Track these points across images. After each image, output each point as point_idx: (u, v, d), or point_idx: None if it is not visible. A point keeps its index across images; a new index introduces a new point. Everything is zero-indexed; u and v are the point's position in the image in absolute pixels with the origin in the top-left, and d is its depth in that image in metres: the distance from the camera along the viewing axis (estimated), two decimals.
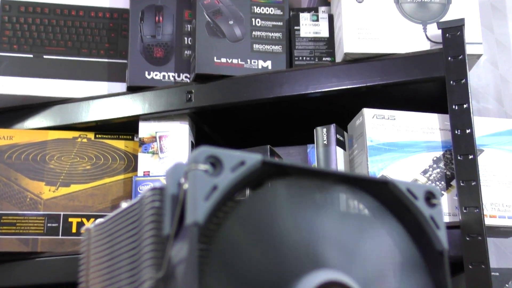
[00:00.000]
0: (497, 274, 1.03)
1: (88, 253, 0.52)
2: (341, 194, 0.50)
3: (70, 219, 1.07)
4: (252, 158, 0.44)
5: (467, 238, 0.96)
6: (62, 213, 1.07)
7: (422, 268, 0.50)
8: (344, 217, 0.50)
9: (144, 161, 1.08)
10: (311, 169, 0.47)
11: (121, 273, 0.48)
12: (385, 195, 0.49)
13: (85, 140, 1.12)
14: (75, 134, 1.12)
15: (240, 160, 0.44)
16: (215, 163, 0.43)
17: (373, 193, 0.49)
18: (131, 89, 1.12)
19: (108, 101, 1.13)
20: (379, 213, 0.50)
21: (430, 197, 0.50)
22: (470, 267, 0.95)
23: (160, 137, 1.10)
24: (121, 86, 1.14)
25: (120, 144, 1.12)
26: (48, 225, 1.06)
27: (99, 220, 0.53)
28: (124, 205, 0.50)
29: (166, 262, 0.43)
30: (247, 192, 0.47)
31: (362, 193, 0.49)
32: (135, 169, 1.10)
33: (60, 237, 1.06)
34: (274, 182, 0.46)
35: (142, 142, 1.10)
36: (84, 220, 1.07)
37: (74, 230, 1.06)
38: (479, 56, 1.06)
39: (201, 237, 0.42)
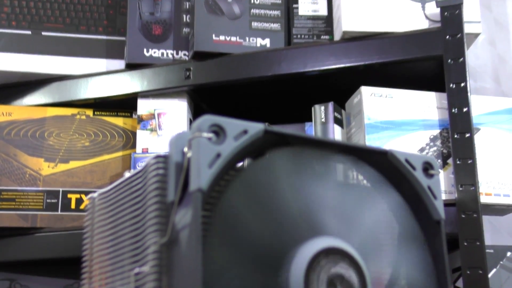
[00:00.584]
0: (492, 251, 1.05)
1: (92, 221, 0.54)
2: (341, 164, 0.51)
3: (69, 195, 1.08)
4: (254, 127, 0.46)
5: (463, 216, 0.97)
6: (61, 189, 1.08)
7: (419, 237, 0.51)
8: (343, 187, 0.51)
9: (143, 138, 1.09)
10: (312, 139, 0.48)
11: (125, 239, 0.49)
12: (384, 165, 0.50)
13: (83, 117, 1.13)
14: (74, 111, 1.13)
15: (243, 129, 0.45)
16: (219, 132, 0.44)
17: (372, 163, 0.50)
18: (130, 67, 1.13)
19: (106, 78, 1.13)
20: (378, 183, 0.51)
21: (428, 168, 0.51)
22: (465, 244, 0.97)
23: (158, 114, 1.11)
24: (119, 63, 1.15)
25: (118, 121, 1.13)
26: (47, 201, 1.07)
27: (103, 189, 0.54)
28: (127, 174, 0.51)
29: (170, 227, 0.44)
30: (249, 161, 0.48)
31: (362, 163, 0.50)
32: (133, 146, 1.11)
33: (59, 213, 1.07)
34: (276, 152, 0.47)
35: (140, 119, 1.10)
36: (83, 196, 1.08)
37: (73, 206, 1.08)
38: (477, 35, 1.07)
39: (204, 204, 0.43)
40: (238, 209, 0.44)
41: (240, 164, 0.47)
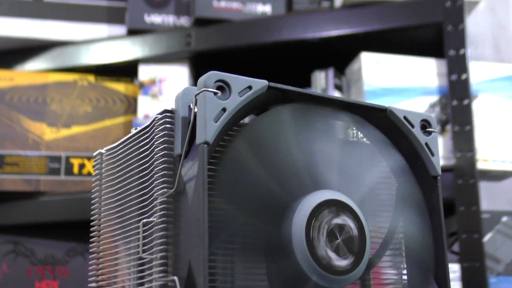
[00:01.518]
0: (488, 216, 1.07)
1: (100, 176, 0.56)
2: (342, 122, 0.53)
3: (71, 160, 1.10)
4: (259, 82, 0.47)
5: (460, 181, 1.00)
6: (63, 154, 1.10)
7: (417, 193, 0.54)
8: (343, 143, 0.53)
9: (144, 104, 1.11)
10: (315, 95, 0.50)
11: (133, 192, 0.51)
12: (384, 122, 0.52)
13: (85, 82, 1.14)
14: (76, 76, 1.14)
15: (248, 85, 0.47)
16: (224, 87, 0.46)
17: (372, 121, 0.52)
18: (131, 32, 1.14)
19: (108, 44, 1.15)
20: (377, 140, 0.53)
21: (426, 125, 0.53)
22: (461, 209, 0.99)
23: (160, 80, 1.12)
24: (120, 29, 1.16)
25: (120, 87, 1.15)
26: (50, 165, 1.09)
27: (111, 145, 0.56)
28: (134, 130, 0.53)
29: (177, 179, 0.46)
30: (252, 117, 0.50)
31: (362, 121, 0.52)
32: (134, 111, 1.13)
33: (62, 177, 1.09)
34: (279, 108, 0.49)
35: (142, 85, 1.12)
36: (86, 161, 1.10)
37: (75, 171, 1.10)
38: (477, 2, 1.09)
39: (210, 157, 0.45)
40: (242, 162, 0.46)
41: (244, 119, 0.49)
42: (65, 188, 1.09)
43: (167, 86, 1.12)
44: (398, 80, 1.06)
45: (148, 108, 1.11)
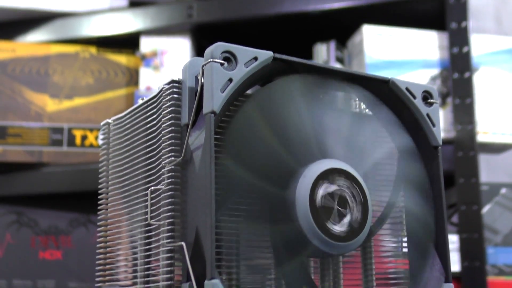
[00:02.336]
0: (487, 187, 1.09)
1: (108, 145, 0.57)
2: (345, 92, 0.54)
3: (74, 132, 1.11)
4: (264, 53, 0.49)
5: (460, 154, 1.02)
6: (66, 125, 1.11)
7: (418, 163, 0.55)
8: (346, 114, 0.55)
9: (146, 76, 1.12)
10: (318, 66, 0.51)
11: (141, 161, 0.53)
12: (386, 94, 0.54)
13: (87, 54, 1.15)
14: (77, 48, 1.15)
15: (253, 56, 0.48)
16: (230, 58, 0.48)
17: (375, 92, 0.54)
18: (133, 4, 1.15)
19: (109, 16, 1.15)
20: (379, 111, 0.54)
21: (427, 96, 0.55)
22: (461, 181, 1.01)
23: (161, 53, 1.13)
24: (122, 1, 1.17)
25: (121, 58, 1.16)
26: (53, 137, 1.11)
27: (118, 115, 0.57)
28: (141, 101, 0.54)
29: (184, 148, 0.48)
30: (257, 88, 0.52)
31: (365, 92, 0.53)
32: (136, 83, 1.14)
33: (64, 148, 1.11)
34: (283, 78, 0.50)
35: (143, 57, 1.13)
36: (88, 132, 1.11)
37: (78, 142, 1.11)
38: None
39: (216, 127, 0.47)
40: (250, 128, 0.48)
41: (249, 90, 0.51)
42: (68, 159, 1.11)
43: (169, 58, 1.13)
44: (399, 53, 1.07)
45: (150, 80, 1.12)
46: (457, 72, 1.04)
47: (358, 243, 0.51)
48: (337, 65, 1.09)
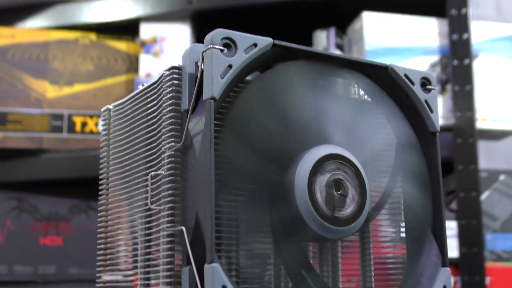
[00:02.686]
0: (486, 174, 1.10)
1: (108, 131, 0.58)
2: (344, 79, 0.55)
3: (74, 118, 1.12)
4: (264, 40, 0.49)
5: (459, 140, 1.02)
6: (66, 112, 1.12)
7: (416, 148, 0.56)
8: (345, 100, 0.56)
9: (146, 63, 1.13)
10: (318, 52, 0.52)
11: (141, 146, 0.53)
12: (385, 80, 0.54)
13: (87, 40, 1.15)
14: (77, 34, 1.16)
15: (253, 42, 0.49)
16: (230, 44, 0.48)
17: (373, 78, 0.54)
18: None
19: (109, 2, 1.16)
20: (378, 97, 0.55)
21: (426, 83, 0.55)
22: (460, 167, 1.02)
23: (161, 39, 1.14)
24: None
25: (121, 45, 1.16)
26: (53, 123, 1.11)
27: (118, 101, 0.58)
28: (141, 87, 0.55)
29: (184, 133, 0.48)
30: (257, 74, 0.52)
31: (364, 78, 0.54)
32: (136, 70, 1.15)
33: (64, 135, 1.12)
34: (283, 65, 0.51)
35: (143, 44, 1.14)
36: (88, 118, 1.12)
37: (78, 128, 1.12)
38: None
39: (216, 113, 0.47)
40: (248, 116, 0.48)
41: (249, 76, 0.51)
42: (68, 145, 1.12)
43: (169, 44, 1.13)
44: (399, 40, 1.08)
45: (150, 67, 1.12)
46: (457, 59, 1.04)
47: (355, 228, 0.51)
48: (337, 52, 1.10)
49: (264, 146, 0.48)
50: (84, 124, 1.12)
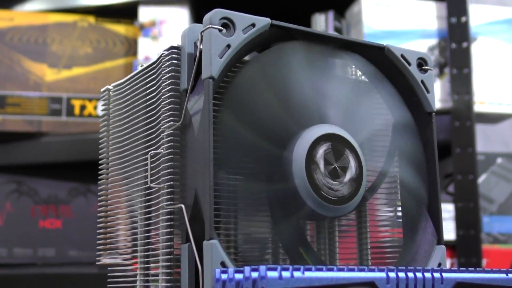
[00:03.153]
0: (483, 157, 1.11)
1: (108, 111, 0.59)
2: (342, 60, 0.56)
3: (73, 101, 1.13)
4: (262, 20, 0.50)
5: (457, 123, 1.03)
6: (65, 95, 1.13)
7: (412, 128, 0.57)
8: (343, 80, 0.56)
9: (145, 46, 1.13)
10: (315, 33, 0.53)
11: (140, 126, 0.54)
12: (381, 60, 0.55)
13: (85, 24, 1.16)
14: (76, 17, 1.16)
15: (251, 22, 0.50)
16: (228, 24, 0.49)
17: (370, 59, 0.55)
18: None
19: None
20: (375, 77, 0.56)
21: (422, 63, 0.56)
22: (457, 150, 1.03)
23: (160, 22, 1.14)
24: None
25: (120, 28, 1.17)
26: (52, 106, 1.12)
27: (118, 81, 0.59)
28: (140, 67, 0.56)
29: (183, 113, 0.49)
30: (255, 54, 0.53)
31: (361, 59, 0.55)
32: (135, 53, 1.16)
33: (63, 118, 1.12)
34: (280, 45, 0.52)
35: (142, 27, 1.14)
36: (87, 102, 1.13)
37: (77, 112, 1.13)
38: None
39: (214, 93, 0.48)
40: (246, 96, 0.49)
41: (247, 56, 0.52)
42: (67, 129, 1.13)
43: (167, 28, 1.14)
44: (397, 23, 1.08)
45: (148, 50, 1.13)
46: (455, 42, 1.05)
47: (352, 207, 0.52)
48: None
49: (262, 125, 0.49)
50: (83, 107, 1.13)
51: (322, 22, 1.10)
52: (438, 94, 1.06)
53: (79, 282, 1.12)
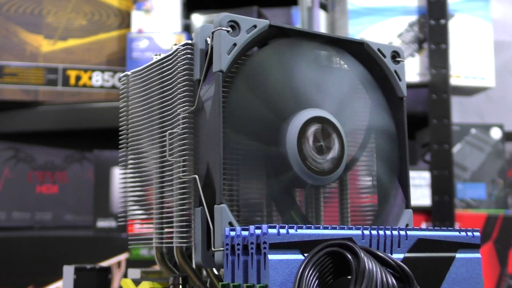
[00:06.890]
0: (458, 128, 1.28)
1: (127, 94, 0.74)
2: (328, 52, 0.71)
3: (68, 72, 1.27)
4: (262, 22, 0.65)
5: (434, 96, 1.19)
6: (60, 66, 1.27)
7: (386, 110, 0.73)
8: (329, 70, 0.72)
9: (138, 19, 1.27)
10: (305, 31, 0.68)
11: (157, 109, 0.69)
12: (361, 54, 0.71)
13: None
14: None
15: (253, 24, 0.65)
16: (235, 26, 0.64)
17: (352, 52, 0.71)
18: None
19: None
20: (356, 68, 0.71)
21: (396, 55, 0.72)
22: (434, 122, 1.19)
23: None
24: None
25: (113, 1, 1.31)
26: (48, 77, 1.26)
27: (135, 69, 0.74)
28: (155, 57, 0.71)
29: (197, 99, 0.65)
30: (256, 49, 0.68)
31: (344, 52, 0.70)
32: (128, 26, 1.29)
33: (59, 88, 1.27)
34: (277, 42, 0.67)
35: (135, 0, 1.28)
36: (82, 72, 1.27)
37: (72, 82, 1.27)
38: None
39: (223, 82, 0.64)
40: (249, 84, 0.65)
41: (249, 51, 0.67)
42: (63, 98, 1.27)
43: (158, 2, 1.28)
44: (380, 0, 1.23)
45: (141, 23, 1.27)
46: (434, 19, 1.20)
47: (331, 179, 0.68)
48: (321, 12, 1.25)
49: (268, 99, 0.65)
50: (78, 78, 1.27)
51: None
52: (417, 68, 1.22)
53: (74, 244, 1.27)
